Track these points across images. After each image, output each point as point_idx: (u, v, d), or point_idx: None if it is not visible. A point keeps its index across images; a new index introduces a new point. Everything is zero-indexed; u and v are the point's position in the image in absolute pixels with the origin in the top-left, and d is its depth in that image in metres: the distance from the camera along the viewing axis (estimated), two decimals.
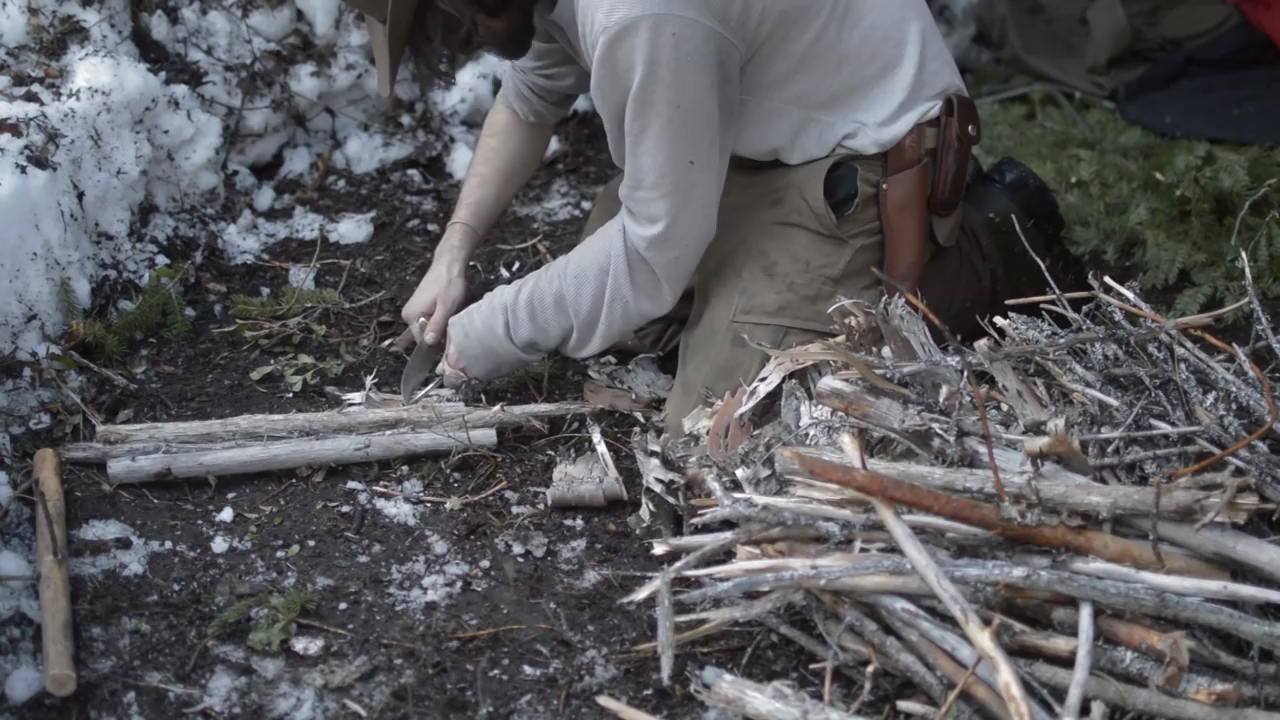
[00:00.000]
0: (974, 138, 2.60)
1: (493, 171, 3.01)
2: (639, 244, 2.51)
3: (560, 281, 2.62)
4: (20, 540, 2.32)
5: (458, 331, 2.74)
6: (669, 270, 2.53)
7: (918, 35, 2.54)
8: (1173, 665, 1.83)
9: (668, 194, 2.45)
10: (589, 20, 2.35)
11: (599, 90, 2.40)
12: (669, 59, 2.32)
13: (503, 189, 3.03)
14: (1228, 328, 3.02)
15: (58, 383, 2.69)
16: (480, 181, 3.01)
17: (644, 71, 2.32)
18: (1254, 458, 2.00)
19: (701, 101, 2.38)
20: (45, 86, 3.15)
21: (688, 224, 2.49)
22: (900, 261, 2.57)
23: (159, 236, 3.27)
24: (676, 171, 2.43)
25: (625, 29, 2.30)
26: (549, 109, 2.98)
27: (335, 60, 3.88)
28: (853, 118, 2.53)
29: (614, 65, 2.34)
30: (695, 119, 2.39)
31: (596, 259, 2.58)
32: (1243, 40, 4.36)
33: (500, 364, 2.75)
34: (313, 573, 2.34)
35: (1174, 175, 3.54)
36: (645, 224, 2.49)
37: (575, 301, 2.61)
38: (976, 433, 2.09)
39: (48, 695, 2.01)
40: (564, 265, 2.63)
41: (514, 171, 3.05)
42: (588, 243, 2.64)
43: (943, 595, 1.87)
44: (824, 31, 2.46)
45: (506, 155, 3.01)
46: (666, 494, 2.44)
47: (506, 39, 2.56)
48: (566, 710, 2.05)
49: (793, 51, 2.46)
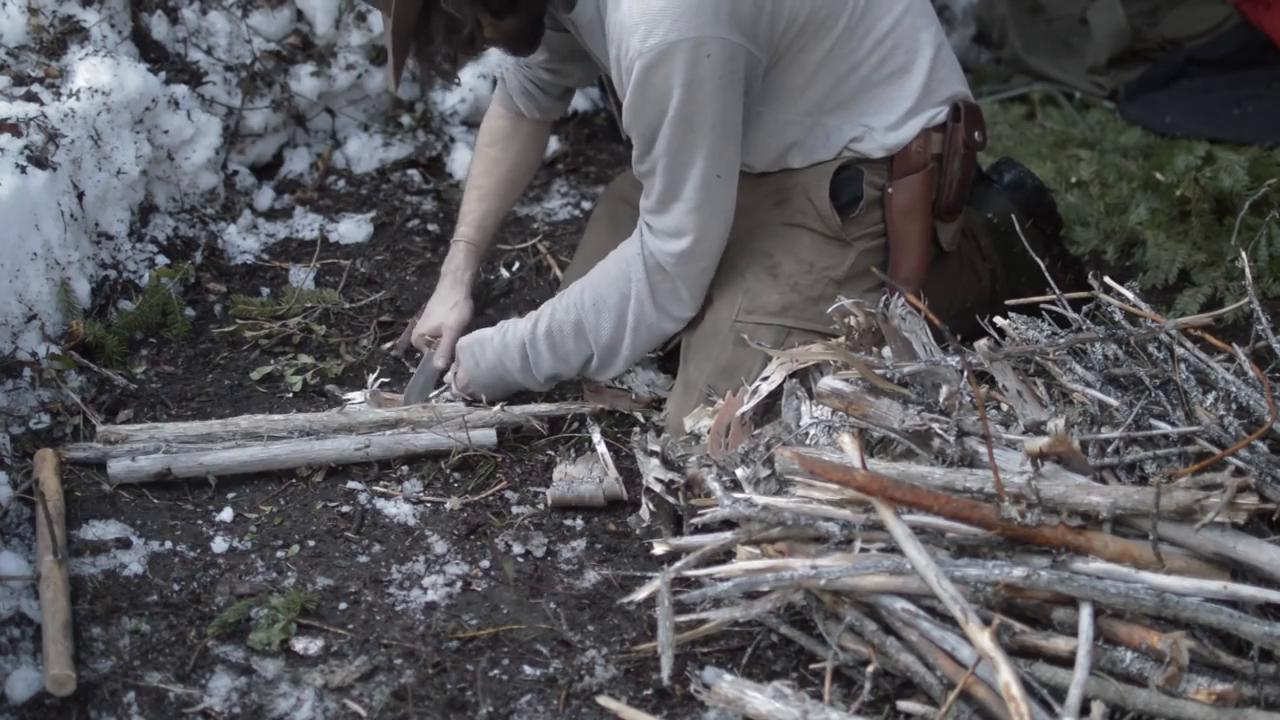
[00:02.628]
0: (980, 144, 2.60)
1: (494, 183, 3.01)
2: (665, 260, 2.52)
3: (579, 311, 2.63)
4: (20, 540, 2.32)
5: (468, 359, 2.75)
6: (694, 282, 2.56)
7: (930, 42, 2.54)
8: (1173, 665, 1.83)
9: (698, 208, 2.46)
10: (624, 45, 2.34)
11: (633, 111, 2.40)
12: (705, 82, 2.33)
13: (505, 199, 3.04)
14: (1228, 328, 3.02)
15: (58, 383, 2.69)
16: (480, 195, 3.01)
17: (681, 95, 2.33)
18: (1254, 458, 2.00)
19: (734, 120, 2.41)
20: (45, 86, 3.15)
21: (712, 235, 2.51)
22: (903, 265, 2.57)
23: (159, 236, 3.28)
24: (710, 186, 2.45)
25: (662, 55, 2.30)
26: (554, 104, 2.98)
27: (335, 60, 3.88)
28: (860, 121, 2.53)
29: (650, 90, 2.35)
30: (726, 136, 2.41)
31: (616, 285, 2.59)
32: (1243, 40, 4.36)
33: (508, 390, 2.76)
34: (313, 573, 2.34)
35: (1174, 175, 3.54)
36: (670, 239, 2.51)
37: (595, 329, 2.62)
38: (976, 433, 2.09)
39: (48, 695, 2.01)
40: (579, 294, 2.64)
41: (516, 180, 3.05)
42: (602, 268, 2.63)
43: (943, 595, 1.87)
44: (840, 40, 2.46)
45: (508, 164, 3.02)
46: (666, 494, 2.44)
47: (516, 37, 2.56)
48: (566, 710, 2.05)
49: (809, 62, 2.47)
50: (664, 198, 2.48)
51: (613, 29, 2.37)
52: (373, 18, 3.91)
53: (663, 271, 2.54)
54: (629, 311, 2.58)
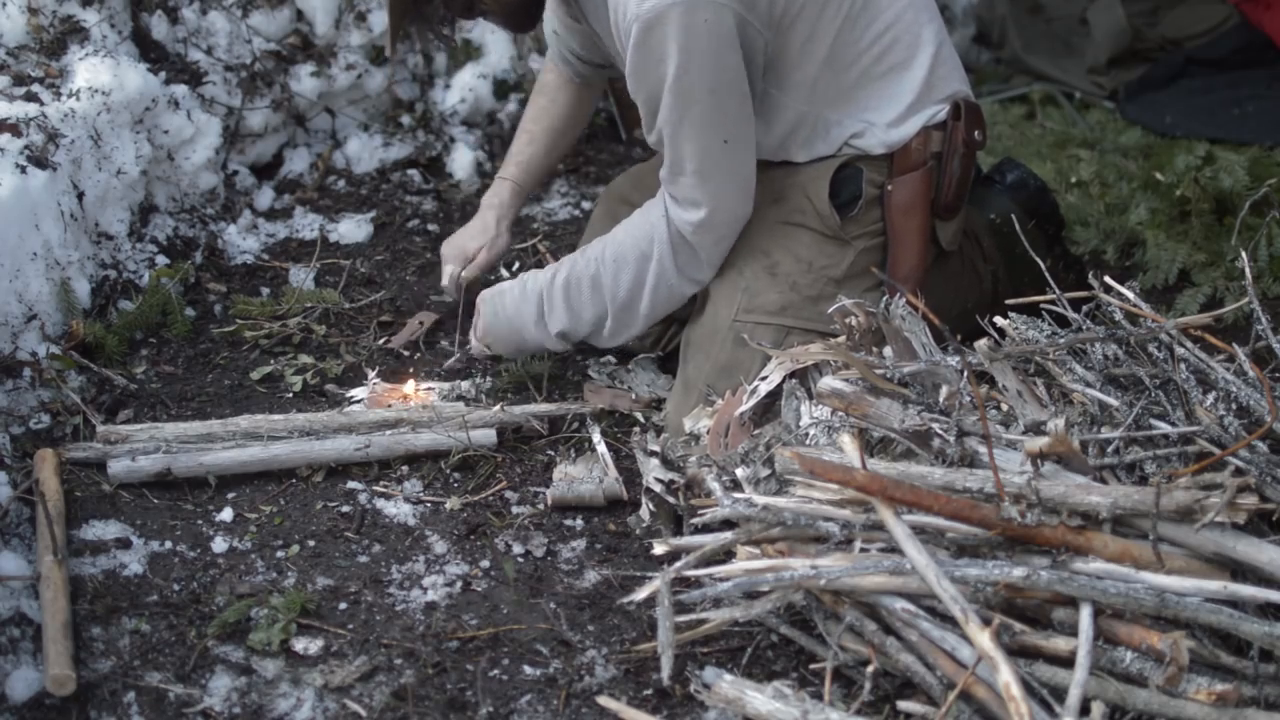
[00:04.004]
0: (980, 143, 2.60)
1: (542, 130, 3.04)
2: (685, 229, 2.54)
3: (598, 265, 2.64)
4: (20, 540, 2.32)
5: (488, 309, 2.79)
6: (712, 251, 2.58)
7: (931, 39, 2.54)
8: (1173, 665, 1.83)
9: (708, 178, 2.48)
10: (621, 9, 2.37)
11: (634, 77, 2.42)
12: (702, 44, 2.34)
13: (552, 147, 3.07)
14: (1228, 328, 3.02)
15: (58, 383, 2.69)
16: (530, 139, 3.04)
17: (679, 59, 2.35)
18: (1254, 458, 2.00)
19: (735, 83, 2.41)
20: (45, 86, 3.15)
21: (729, 204, 2.53)
22: (902, 264, 2.57)
23: (159, 236, 3.28)
24: (714, 154, 2.46)
25: (658, 16, 2.32)
26: (593, 71, 3.00)
27: (335, 60, 3.88)
28: (861, 117, 2.54)
29: (648, 53, 2.36)
30: (730, 100, 2.42)
31: (638, 244, 2.60)
32: (1243, 40, 4.36)
33: (523, 347, 2.80)
34: (313, 573, 2.35)
35: (1174, 175, 3.54)
36: (689, 209, 2.53)
37: (613, 286, 2.63)
38: (976, 433, 2.09)
39: (48, 695, 2.01)
40: (601, 249, 2.65)
41: (564, 130, 3.08)
42: (626, 226, 2.65)
43: (943, 595, 1.87)
44: (842, 29, 2.47)
45: (555, 114, 3.04)
46: (666, 494, 2.45)
47: (515, 9, 2.57)
48: (566, 710, 2.05)
49: (811, 49, 2.47)
50: (673, 167, 2.50)
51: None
52: (373, 17, 3.91)
53: (683, 239, 2.56)
54: (649, 271, 2.60)
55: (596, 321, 2.68)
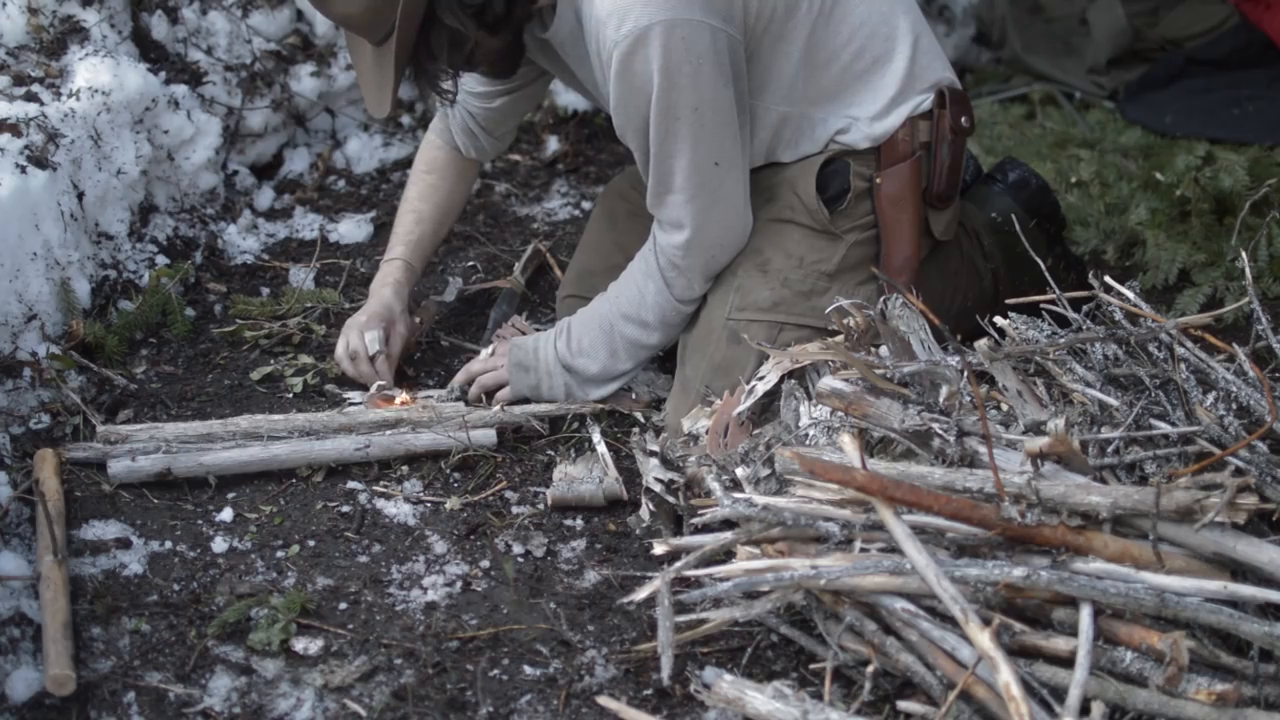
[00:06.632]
0: (967, 129, 2.60)
1: (431, 209, 3.02)
2: (673, 254, 2.54)
3: (605, 333, 2.68)
4: (20, 540, 2.32)
5: (517, 373, 2.75)
6: (700, 273, 2.58)
7: (908, 29, 2.54)
8: (1173, 665, 1.83)
9: (693, 198, 2.47)
10: (600, 39, 2.36)
11: (621, 107, 2.41)
12: (682, 63, 2.33)
13: (439, 226, 3.05)
14: (1228, 328, 3.02)
15: (58, 383, 2.69)
16: (418, 219, 3.01)
17: (660, 79, 2.34)
18: (1254, 458, 2.00)
19: (719, 101, 2.40)
20: (45, 86, 3.15)
21: (717, 226, 2.52)
22: (895, 255, 2.57)
23: (159, 236, 3.28)
24: (701, 174, 2.45)
25: (637, 40, 2.31)
26: (493, 144, 3.00)
27: (335, 60, 3.88)
28: (844, 113, 2.54)
29: (631, 78, 2.36)
30: (715, 119, 2.41)
31: (636, 281, 2.63)
32: (1243, 40, 4.35)
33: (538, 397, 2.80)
34: (313, 573, 2.34)
35: (1174, 175, 3.54)
36: (673, 230, 2.52)
37: (632, 347, 2.68)
38: (976, 433, 2.09)
39: (48, 695, 2.01)
40: (608, 308, 2.68)
41: (450, 209, 3.07)
42: (622, 281, 2.68)
43: (943, 595, 1.87)
44: (816, 28, 2.47)
45: (444, 190, 3.03)
46: (666, 494, 2.44)
47: (501, 56, 2.57)
48: (566, 710, 2.05)
49: (787, 52, 2.47)
50: (657, 189, 2.49)
51: (589, 25, 2.38)
52: None
53: (675, 267, 2.56)
54: (649, 310, 2.62)
55: (635, 370, 2.73)
